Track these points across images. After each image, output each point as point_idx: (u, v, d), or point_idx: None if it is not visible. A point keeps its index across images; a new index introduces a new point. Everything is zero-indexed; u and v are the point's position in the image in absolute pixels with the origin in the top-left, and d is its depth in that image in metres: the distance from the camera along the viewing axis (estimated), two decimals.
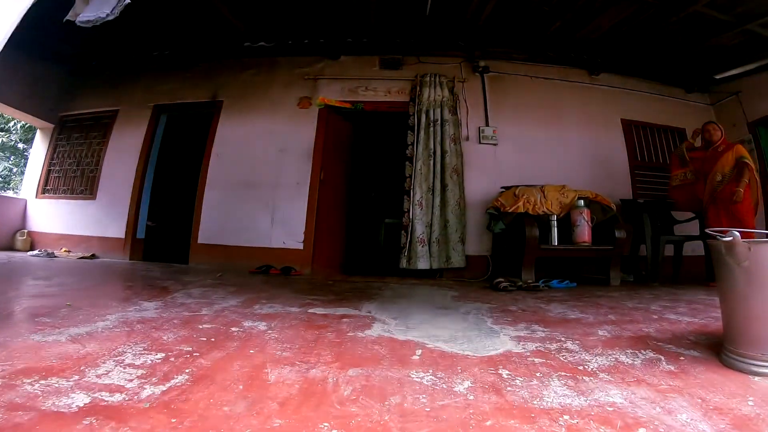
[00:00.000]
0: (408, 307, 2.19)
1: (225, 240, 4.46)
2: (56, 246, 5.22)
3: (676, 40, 4.48)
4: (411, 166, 4.22)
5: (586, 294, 3.02)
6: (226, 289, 2.61)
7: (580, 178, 4.44)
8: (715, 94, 5.31)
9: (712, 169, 3.71)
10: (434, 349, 1.36)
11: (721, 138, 3.77)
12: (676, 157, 4.06)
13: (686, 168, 3.95)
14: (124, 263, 4.53)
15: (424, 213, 4.05)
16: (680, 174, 4.01)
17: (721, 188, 3.59)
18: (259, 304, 2.11)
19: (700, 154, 3.88)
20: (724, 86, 5.17)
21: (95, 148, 5.44)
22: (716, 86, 5.24)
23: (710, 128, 3.82)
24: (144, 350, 1.28)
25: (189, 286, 2.74)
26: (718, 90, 5.25)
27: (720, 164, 3.65)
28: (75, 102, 5.75)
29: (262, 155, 4.58)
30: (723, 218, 3.57)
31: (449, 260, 3.99)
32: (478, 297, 2.73)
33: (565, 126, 4.84)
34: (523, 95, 4.89)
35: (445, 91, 4.55)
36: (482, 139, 4.56)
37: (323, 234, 4.43)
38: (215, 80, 5.04)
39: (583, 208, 3.72)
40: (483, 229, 4.29)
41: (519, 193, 3.63)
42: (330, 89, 4.71)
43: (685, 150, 3.99)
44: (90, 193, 5.27)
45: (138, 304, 2.01)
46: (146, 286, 2.70)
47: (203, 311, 1.89)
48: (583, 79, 5.13)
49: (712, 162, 3.73)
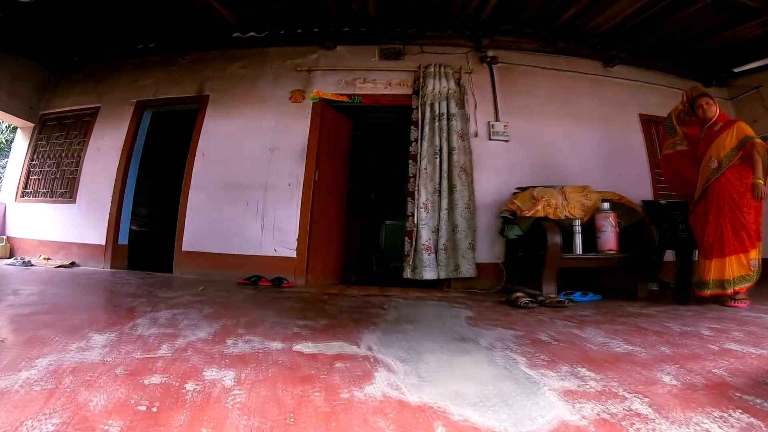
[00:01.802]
0: (417, 339, 1.80)
1: (211, 247, 4.08)
2: (36, 253, 4.86)
3: (696, 30, 4.14)
4: (415, 164, 3.83)
5: (618, 311, 2.64)
6: (201, 312, 2.23)
7: (598, 177, 4.04)
8: (735, 88, 4.99)
9: (705, 153, 2.95)
10: (462, 425, 0.98)
11: (717, 114, 2.98)
12: (665, 128, 3.42)
13: (675, 137, 3.26)
14: (103, 273, 4.16)
15: (430, 217, 3.66)
16: (669, 143, 3.32)
17: (716, 178, 2.84)
18: (234, 336, 1.73)
19: (694, 130, 3.14)
20: (743, 80, 4.86)
21: (75, 148, 5.07)
22: (735, 80, 4.92)
23: (702, 102, 3.00)
24: (55, 430, 0.90)
25: (160, 306, 2.37)
26: (737, 84, 4.94)
27: (715, 147, 2.87)
28: (55, 100, 5.40)
29: (250, 154, 4.19)
30: (712, 219, 2.84)
31: (458, 269, 3.60)
32: (496, 318, 2.35)
33: (580, 121, 4.46)
34: (534, 88, 4.50)
35: (451, 82, 4.16)
36: (492, 135, 4.17)
37: (318, 240, 4.05)
38: (201, 73, 4.66)
39: (608, 211, 3.34)
40: (494, 234, 3.91)
41: (538, 195, 3.24)
42: (325, 82, 4.32)
43: (675, 118, 3.26)
44: (70, 197, 4.90)
45: (86, 338, 1.64)
46: (110, 307, 2.32)
47: (161, 350, 1.51)
48: (597, 71, 4.74)
49: (705, 144, 2.97)
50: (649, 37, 4.40)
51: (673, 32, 4.23)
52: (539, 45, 4.59)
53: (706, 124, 3.03)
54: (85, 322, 1.94)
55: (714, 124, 2.97)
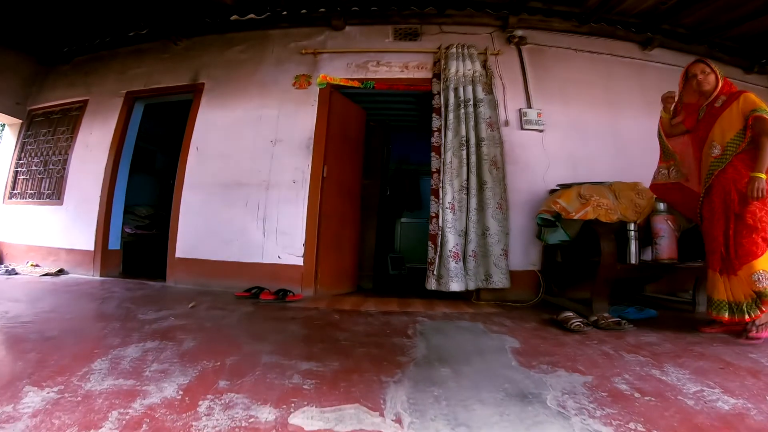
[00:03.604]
0: (462, 397, 1.31)
1: (208, 254, 3.64)
2: (25, 259, 4.49)
3: (739, 12, 3.64)
4: (438, 158, 3.31)
5: (687, 334, 2.18)
6: (179, 346, 1.76)
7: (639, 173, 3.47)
8: None
9: (706, 139, 2.25)
10: None
11: (718, 86, 2.25)
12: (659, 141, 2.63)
13: (670, 160, 2.57)
14: (90, 282, 3.75)
15: (457, 219, 3.14)
16: (662, 168, 2.63)
17: (721, 170, 2.15)
18: (212, 394, 1.27)
19: (689, 120, 2.41)
20: None
21: (63, 145, 4.66)
22: None
23: (697, 71, 2.28)
24: None
25: (133, 335, 1.91)
26: None
27: (718, 128, 2.17)
28: (43, 94, 5.01)
29: (250, 148, 3.72)
30: (719, 221, 2.17)
31: (489, 279, 3.09)
32: (551, 351, 1.85)
33: (619, 110, 3.91)
34: (568, 72, 3.96)
35: (476, 64, 3.63)
36: (525, 124, 3.64)
37: (328, 245, 3.58)
38: (197, 60, 4.19)
39: (666, 213, 2.81)
40: (529, 237, 3.40)
41: (586, 193, 2.71)
42: (333, 65, 3.82)
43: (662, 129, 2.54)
44: (57, 198, 4.50)
45: (17, 399, 1.19)
46: (71, 338, 1.88)
47: (105, 426, 1.05)
48: (634, 54, 4.19)
49: (705, 126, 2.26)
50: (688, 18, 3.86)
51: (715, 13, 3.72)
52: (571, 25, 4.06)
53: (706, 101, 2.30)
54: (29, 366, 1.49)
55: (715, 98, 2.25)
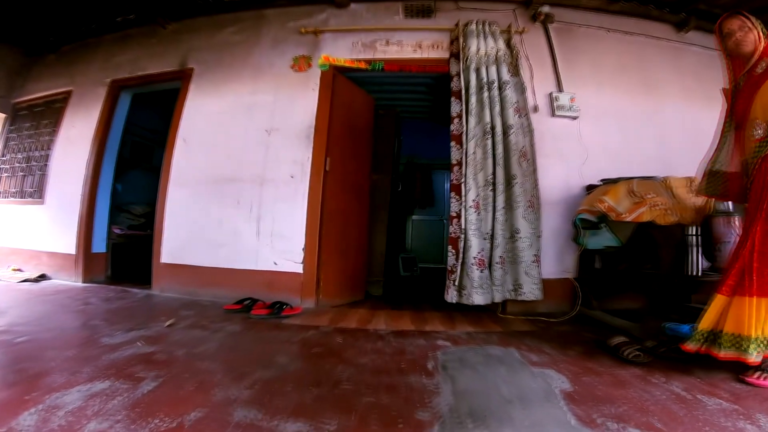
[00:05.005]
0: None
1: (196, 259, 3.23)
2: (7, 263, 4.14)
3: None
4: (459, 148, 2.85)
5: None
6: (133, 391, 1.35)
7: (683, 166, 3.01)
8: None
9: (746, 117, 1.72)
10: None
11: (761, 47, 1.72)
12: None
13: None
14: (69, 289, 3.38)
15: (482, 219, 2.69)
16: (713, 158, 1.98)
17: (764, 156, 1.62)
18: None
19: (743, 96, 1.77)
20: None
21: (45, 139, 4.29)
22: None
23: (734, 26, 1.76)
24: None
25: (83, 371, 1.51)
26: None
27: (760, 102, 1.65)
28: (28, 86, 4.66)
29: (242, 138, 3.30)
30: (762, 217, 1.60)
31: (519, 290, 2.64)
32: (611, 397, 1.40)
33: (656, 96, 3.46)
34: (600, 54, 3.51)
35: (499, 42, 3.18)
36: (557, 110, 3.17)
37: (332, 248, 3.15)
38: (186, 44, 3.78)
39: (732, 213, 2.34)
40: (563, 241, 2.95)
41: (638, 190, 2.24)
42: (337, 45, 3.38)
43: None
44: (39, 197, 4.14)
45: None
46: (10, 373, 1.48)
47: None
48: (669, 35, 3.71)
49: (745, 100, 1.73)
50: None
51: None
52: (601, 2, 3.60)
53: (745, 67, 1.77)
54: None
55: (757, 63, 1.72)
